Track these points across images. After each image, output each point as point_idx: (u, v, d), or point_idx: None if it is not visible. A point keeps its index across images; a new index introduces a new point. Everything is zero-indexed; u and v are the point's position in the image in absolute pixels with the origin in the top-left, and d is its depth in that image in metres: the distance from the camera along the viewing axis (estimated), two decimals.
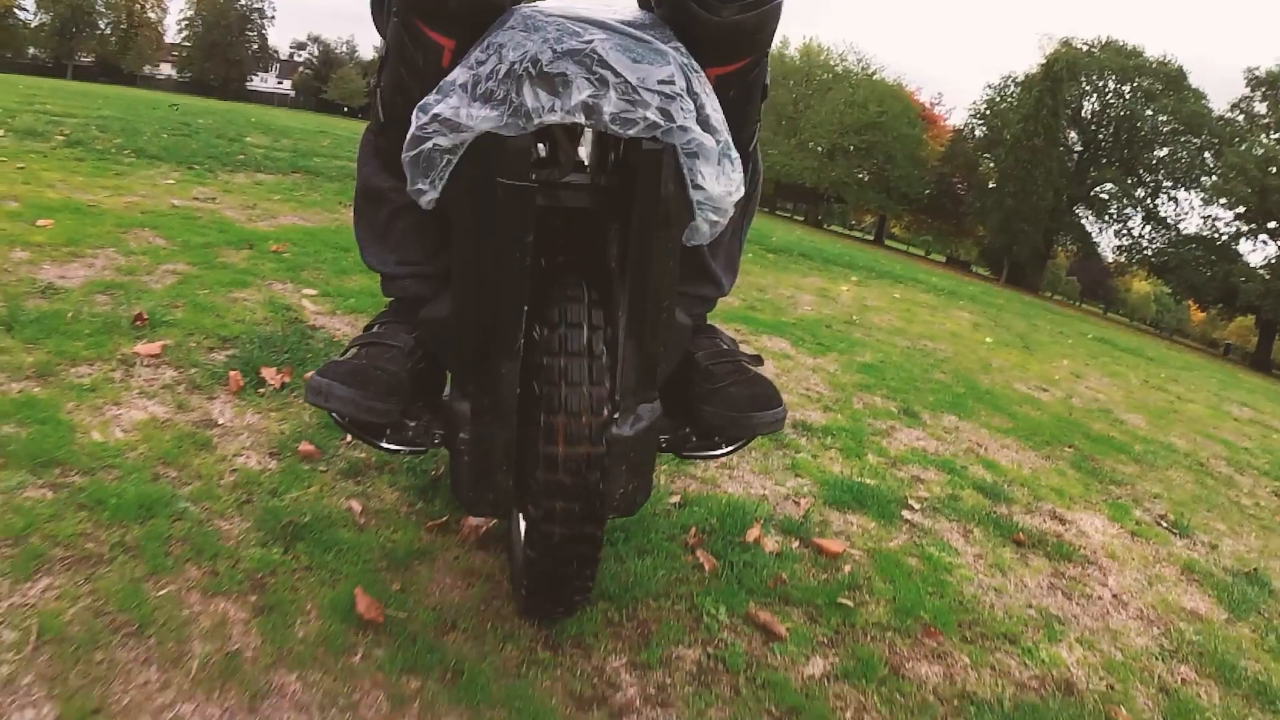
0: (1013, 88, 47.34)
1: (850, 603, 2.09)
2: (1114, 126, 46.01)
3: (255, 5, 63.06)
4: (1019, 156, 41.83)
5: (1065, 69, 42.78)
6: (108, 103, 14.96)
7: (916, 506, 2.83)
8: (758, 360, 1.81)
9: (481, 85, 1.31)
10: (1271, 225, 41.01)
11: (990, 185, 45.33)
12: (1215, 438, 6.52)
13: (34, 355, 2.42)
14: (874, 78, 49.65)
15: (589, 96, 1.29)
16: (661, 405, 1.61)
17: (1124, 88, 46.07)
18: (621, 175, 1.45)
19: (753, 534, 2.30)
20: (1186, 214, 45.33)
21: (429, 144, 1.34)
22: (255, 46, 64.57)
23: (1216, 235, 43.30)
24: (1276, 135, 41.91)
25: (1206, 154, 43.93)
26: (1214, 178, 42.06)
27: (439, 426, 1.57)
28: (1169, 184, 45.46)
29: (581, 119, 1.30)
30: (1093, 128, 46.79)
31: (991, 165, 46.27)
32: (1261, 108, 42.99)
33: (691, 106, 1.34)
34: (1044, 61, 43.92)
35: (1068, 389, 6.87)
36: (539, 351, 1.41)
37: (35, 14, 56.24)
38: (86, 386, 2.33)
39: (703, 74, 1.41)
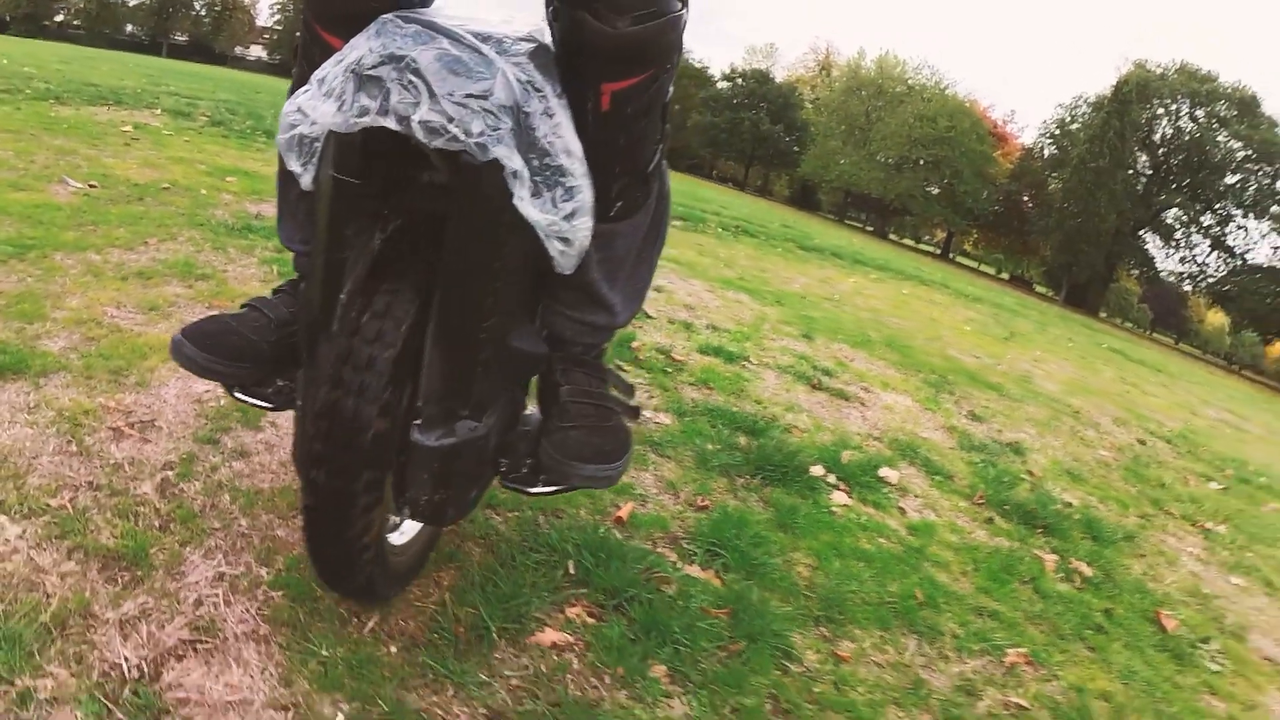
0: (1084, 108, 48.68)
1: (671, 372, 4.06)
2: (1185, 152, 46.92)
3: None
4: (1083, 177, 43.04)
5: (1135, 91, 43.83)
6: (218, 85, 17.09)
7: (755, 362, 4.76)
8: (634, 413, 1.87)
9: (327, 84, 1.42)
10: None
11: (1055, 205, 46.46)
12: (1134, 411, 7.70)
13: (270, 243, 4.49)
14: (946, 92, 50.97)
15: (399, 102, 1.35)
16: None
17: (1197, 112, 46.96)
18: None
19: (636, 344, 4.27)
20: (1256, 243, 46.23)
21: (296, 130, 1.46)
22: None
23: None
24: None
25: (1279, 183, 44.75)
26: None
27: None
28: (1238, 212, 46.31)
29: (393, 124, 1.36)
30: (1162, 152, 47.80)
31: (1058, 184, 47.40)
32: None
33: (507, 124, 1.38)
34: (1115, 83, 45.01)
35: (1005, 361, 8.16)
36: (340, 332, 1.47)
37: None
38: None
39: (547, 93, 1.47)
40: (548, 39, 1.56)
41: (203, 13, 62.70)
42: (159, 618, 1.65)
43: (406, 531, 1.86)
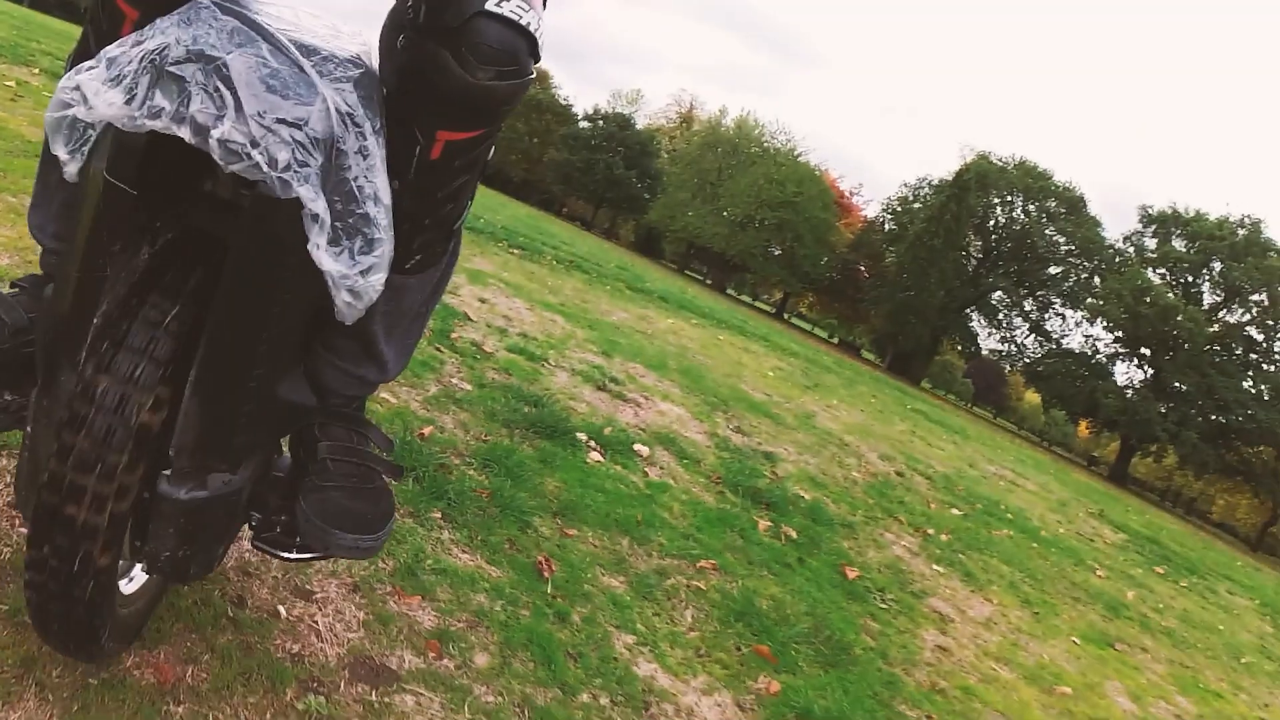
0: (927, 189, 52.12)
1: (479, 358, 5.14)
2: (1014, 240, 50.86)
3: None
4: (918, 254, 46.29)
5: (975, 179, 47.35)
6: None
7: (553, 363, 5.85)
8: (396, 472, 1.82)
9: (118, 67, 1.25)
10: (1143, 351, 45.76)
11: (889, 277, 49.52)
12: (907, 454, 8.53)
13: None
14: (798, 159, 53.70)
15: (199, 112, 1.20)
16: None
17: (1030, 205, 50.98)
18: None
19: (454, 335, 5.31)
20: (1070, 331, 50.36)
21: (70, 112, 1.27)
22: None
23: (1095, 354, 48.18)
24: (1160, 270, 46.97)
25: (1096, 278, 48.86)
26: (1098, 300, 46.90)
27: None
28: (1057, 300, 50.41)
29: (187, 135, 1.21)
30: (994, 238, 51.84)
31: (894, 259, 50.53)
32: (1151, 243, 48.15)
33: (317, 160, 1.27)
34: (957, 170, 48.38)
35: (796, 403, 8.97)
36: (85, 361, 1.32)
37: None
38: None
39: (366, 129, 1.37)
40: (375, 64, 1.50)
41: None
42: None
43: (137, 579, 1.72)
